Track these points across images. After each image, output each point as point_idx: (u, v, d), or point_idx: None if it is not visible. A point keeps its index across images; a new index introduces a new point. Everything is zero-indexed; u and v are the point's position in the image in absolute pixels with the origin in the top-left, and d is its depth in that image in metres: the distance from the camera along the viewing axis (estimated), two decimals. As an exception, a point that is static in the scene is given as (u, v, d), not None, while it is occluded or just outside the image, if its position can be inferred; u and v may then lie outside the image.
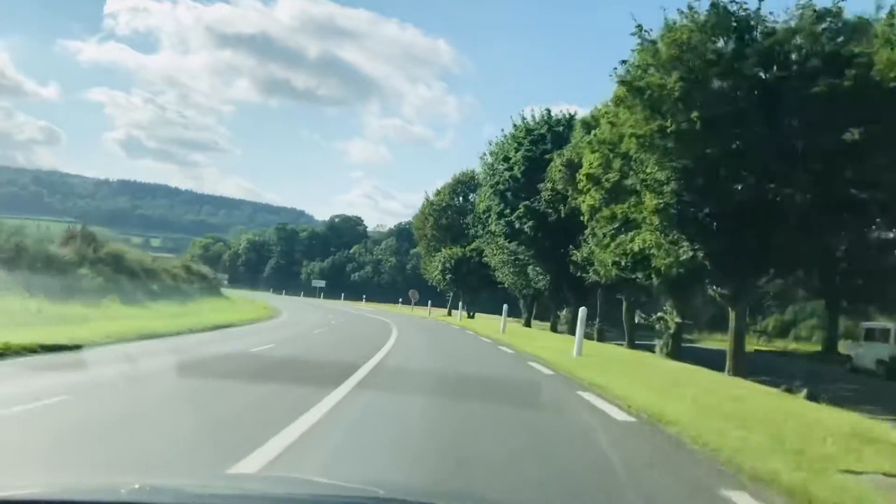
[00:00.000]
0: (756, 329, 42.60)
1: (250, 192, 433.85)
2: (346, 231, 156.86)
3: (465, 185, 51.60)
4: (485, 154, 37.53)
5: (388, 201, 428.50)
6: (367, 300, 74.22)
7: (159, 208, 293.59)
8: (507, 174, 32.36)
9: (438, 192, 52.04)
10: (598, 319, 30.94)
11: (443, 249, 49.29)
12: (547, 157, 30.42)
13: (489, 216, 35.66)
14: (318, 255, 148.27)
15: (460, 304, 44.20)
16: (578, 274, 29.55)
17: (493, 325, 32.73)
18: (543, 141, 32.09)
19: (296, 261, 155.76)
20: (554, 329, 37.58)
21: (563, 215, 29.61)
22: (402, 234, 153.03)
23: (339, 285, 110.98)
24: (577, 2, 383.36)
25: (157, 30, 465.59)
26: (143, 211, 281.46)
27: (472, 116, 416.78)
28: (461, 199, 51.74)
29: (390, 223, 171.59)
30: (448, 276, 48.20)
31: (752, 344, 43.02)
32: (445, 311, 53.29)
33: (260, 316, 29.36)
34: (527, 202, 31.20)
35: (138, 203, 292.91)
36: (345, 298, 77.61)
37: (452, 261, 47.50)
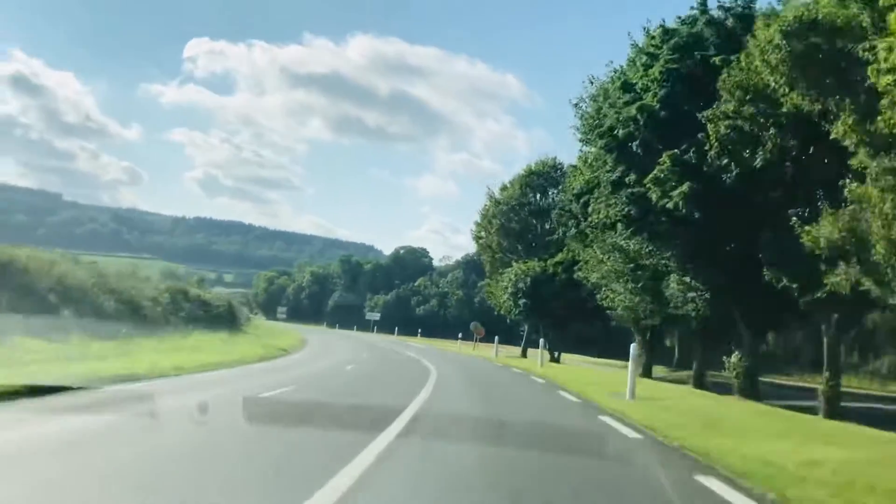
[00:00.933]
0: (867, 370, 32.59)
1: (322, 228, 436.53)
2: (412, 263, 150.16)
3: (542, 176, 37.36)
4: (581, 100, 23.42)
5: (456, 236, 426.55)
6: (424, 335, 65.11)
7: (234, 244, 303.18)
8: (632, 110, 17.56)
9: (505, 188, 37.92)
10: (826, 371, 15.60)
11: (514, 264, 34.98)
12: (714, 62, 15.96)
13: (594, 198, 21.11)
14: (383, 288, 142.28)
15: (541, 340, 29.45)
16: (782, 283, 14.70)
17: (597, 378, 19.52)
18: (700, 44, 17.47)
19: (360, 294, 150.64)
20: (700, 385, 22.25)
21: (757, 167, 14.84)
22: (470, 266, 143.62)
23: (404, 320, 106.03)
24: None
25: (233, 72, 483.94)
26: (217, 247, 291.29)
27: (542, 150, 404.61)
28: (538, 196, 37.37)
29: (458, 255, 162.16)
30: (521, 302, 33.69)
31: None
32: (518, 350, 38.78)
33: (248, 358, 20.99)
34: (674, 152, 16.55)
35: (214, 239, 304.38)
36: (399, 333, 67.04)
37: (528, 279, 33.04)
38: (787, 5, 13.26)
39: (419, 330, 66.65)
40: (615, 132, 18.30)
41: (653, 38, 18.74)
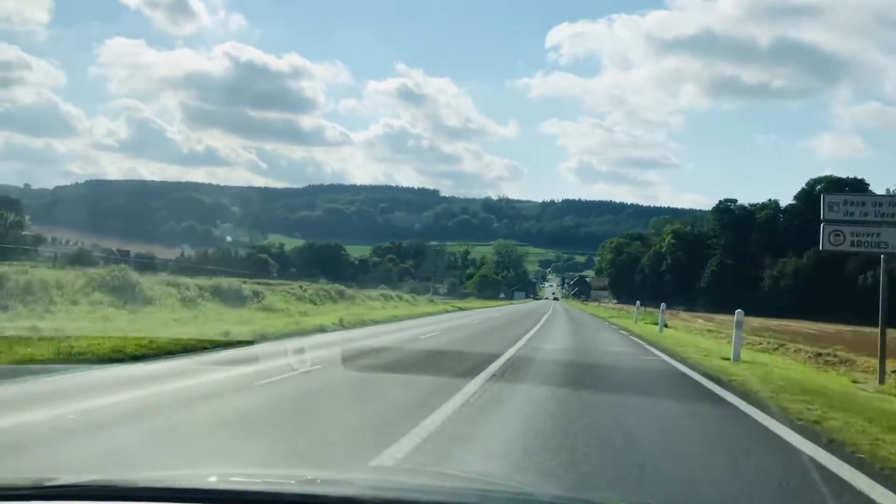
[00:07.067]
0: None
1: (705, 206, 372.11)
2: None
3: None
4: None
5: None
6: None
7: (604, 224, 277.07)
8: None
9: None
10: None
11: None
12: None
13: None
14: (790, 247, 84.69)
15: None
16: None
17: None
18: None
19: (750, 259, 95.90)
20: None
21: None
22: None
23: (829, 301, 60.11)
24: None
25: (596, 52, 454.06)
26: (587, 229, 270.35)
27: None
28: None
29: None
30: None
31: None
32: None
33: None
34: None
35: (582, 221, 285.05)
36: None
37: None
38: None
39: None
40: None
41: None
